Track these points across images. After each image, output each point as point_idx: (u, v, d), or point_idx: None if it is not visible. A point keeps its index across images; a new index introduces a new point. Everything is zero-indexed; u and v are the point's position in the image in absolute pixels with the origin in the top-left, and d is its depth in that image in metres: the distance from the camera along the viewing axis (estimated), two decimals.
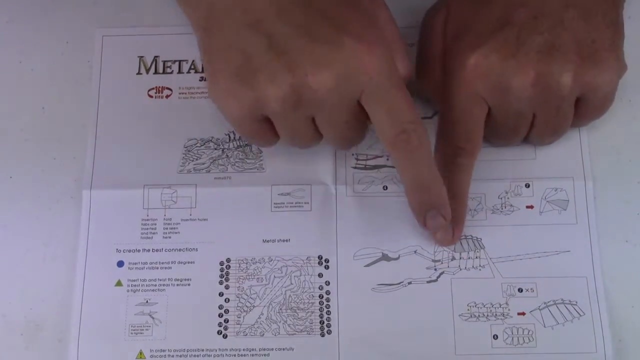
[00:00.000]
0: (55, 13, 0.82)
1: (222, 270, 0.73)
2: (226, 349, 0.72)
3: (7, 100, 0.79)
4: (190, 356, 0.72)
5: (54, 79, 0.80)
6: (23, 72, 0.80)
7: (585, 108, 0.71)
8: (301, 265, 0.73)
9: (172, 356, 0.72)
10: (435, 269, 0.73)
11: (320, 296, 0.72)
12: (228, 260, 0.74)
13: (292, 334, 0.72)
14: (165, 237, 0.75)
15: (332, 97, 0.63)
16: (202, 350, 0.72)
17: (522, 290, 0.72)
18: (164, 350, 0.72)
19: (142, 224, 0.75)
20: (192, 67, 0.79)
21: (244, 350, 0.72)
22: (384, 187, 0.75)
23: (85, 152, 0.77)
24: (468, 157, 0.71)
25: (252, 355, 0.71)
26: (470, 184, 0.72)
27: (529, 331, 0.71)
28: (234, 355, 0.72)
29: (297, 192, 0.75)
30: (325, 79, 0.62)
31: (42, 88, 0.79)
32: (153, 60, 0.80)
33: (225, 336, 0.72)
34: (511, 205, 0.74)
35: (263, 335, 0.72)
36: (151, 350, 0.72)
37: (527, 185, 0.75)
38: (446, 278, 0.73)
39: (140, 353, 0.72)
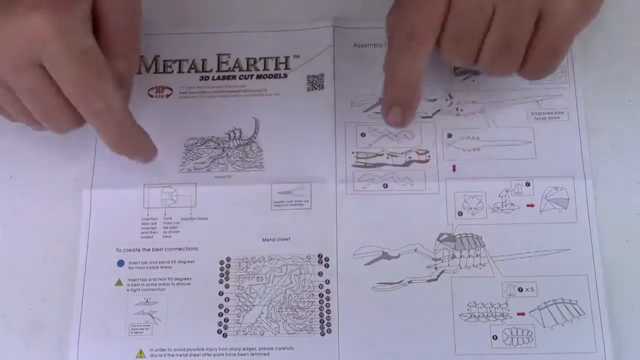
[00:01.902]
0: None
1: (222, 269, 0.73)
2: (226, 348, 0.72)
3: None
4: (190, 355, 0.71)
5: None
6: None
7: (540, 36, 0.68)
8: (301, 264, 0.73)
9: (172, 355, 0.72)
10: (436, 268, 0.73)
11: (320, 295, 0.72)
12: (228, 259, 0.74)
13: (292, 333, 0.71)
14: (166, 237, 0.75)
15: (5, 64, 0.64)
16: (202, 349, 0.72)
17: (522, 290, 0.72)
18: (163, 350, 0.72)
19: (142, 223, 0.75)
20: (193, 66, 0.80)
21: (244, 349, 0.71)
22: (384, 185, 0.75)
23: (85, 152, 0.77)
24: (421, 45, 0.69)
25: (252, 354, 0.71)
26: (423, 73, 0.70)
27: (528, 332, 0.71)
28: (234, 355, 0.71)
29: (297, 191, 0.75)
30: None
31: None
32: (153, 60, 0.80)
33: (225, 335, 0.72)
34: (512, 204, 0.74)
35: (263, 334, 0.71)
36: (151, 350, 0.72)
37: (528, 184, 0.75)
38: (446, 277, 0.73)
39: (140, 352, 0.72)
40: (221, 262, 0.74)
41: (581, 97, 0.77)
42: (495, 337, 0.71)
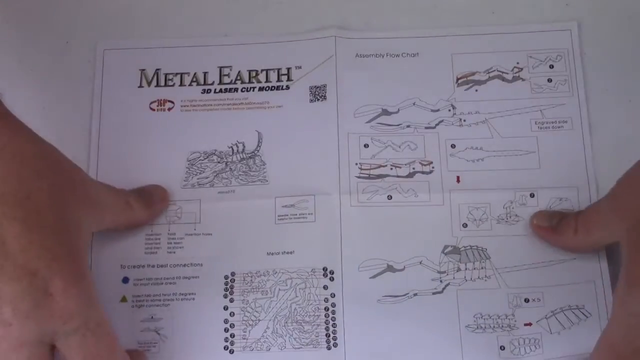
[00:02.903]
0: (55, 13, 0.82)
1: (226, 284, 0.73)
2: None
3: (7, 101, 0.78)
4: None
5: (54, 79, 0.80)
6: (23, 72, 0.80)
7: None
8: (306, 278, 0.73)
9: None
10: (441, 281, 0.72)
11: (326, 309, 0.72)
12: (233, 274, 0.73)
13: (298, 348, 0.71)
14: (170, 252, 0.74)
15: (12, 335, 0.59)
16: None
17: (528, 301, 0.71)
18: None
19: (145, 239, 0.75)
20: (194, 79, 0.79)
21: None
22: (388, 196, 0.75)
23: (87, 170, 0.76)
24: None
25: None
26: None
27: (535, 340, 0.70)
28: None
29: (301, 204, 0.75)
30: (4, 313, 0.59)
31: (42, 88, 0.79)
32: (154, 73, 0.80)
33: (231, 351, 0.71)
34: (516, 215, 0.74)
35: (269, 349, 0.71)
36: None
37: (532, 195, 0.75)
38: (452, 289, 0.72)
39: None
40: (225, 277, 0.73)
41: (585, 106, 0.77)
42: (502, 348, 0.70)
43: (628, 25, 0.73)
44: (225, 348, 0.71)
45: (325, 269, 0.73)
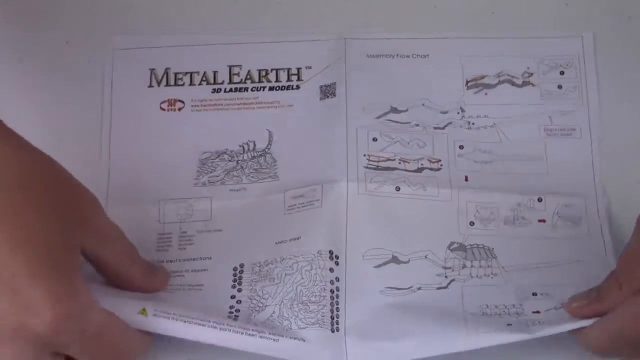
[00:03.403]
0: (56, 13, 0.83)
1: (235, 275, 0.73)
2: (234, 326, 0.67)
3: (8, 100, 0.78)
4: (194, 324, 0.66)
5: (54, 79, 0.80)
6: (23, 72, 0.80)
7: None
8: (312, 259, 0.72)
9: (176, 320, 0.66)
10: (446, 276, 0.72)
11: (332, 290, 0.71)
12: (242, 265, 0.73)
13: (304, 328, 0.69)
14: (180, 249, 0.74)
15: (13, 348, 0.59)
16: (209, 321, 0.67)
17: (536, 294, 0.71)
18: (168, 313, 0.67)
19: (157, 238, 0.75)
20: (204, 78, 0.80)
21: (252, 330, 0.68)
22: (396, 187, 0.75)
23: (99, 167, 0.77)
24: None
25: (261, 337, 0.67)
26: None
27: (547, 319, 0.68)
28: (241, 334, 0.67)
29: (309, 193, 0.75)
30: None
31: (42, 88, 0.80)
32: (164, 73, 0.80)
33: (235, 317, 0.69)
34: (523, 218, 0.74)
35: (274, 329, 0.69)
36: (155, 310, 0.67)
37: (540, 200, 0.75)
38: (456, 285, 0.71)
39: (143, 310, 0.67)
40: (234, 269, 0.73)
41: (594, 114, 0.78)
42: (510, 324, 0.68)
43: (628, 25, 0.73)
44: (229, 316, 0.69)
45: (331, 252, 0.72)
